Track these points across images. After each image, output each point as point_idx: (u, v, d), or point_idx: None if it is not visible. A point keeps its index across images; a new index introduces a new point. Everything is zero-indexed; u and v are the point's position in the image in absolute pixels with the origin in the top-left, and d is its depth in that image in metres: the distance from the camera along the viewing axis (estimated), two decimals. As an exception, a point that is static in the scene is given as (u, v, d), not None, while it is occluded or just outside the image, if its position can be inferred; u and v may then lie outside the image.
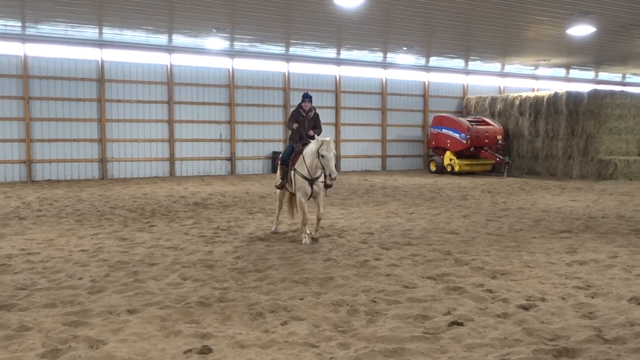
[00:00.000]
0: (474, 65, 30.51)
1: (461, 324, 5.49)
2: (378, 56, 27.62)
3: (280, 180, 10.68)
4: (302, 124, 10.61)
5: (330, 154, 9.51)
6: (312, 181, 9.95)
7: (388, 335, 5.19)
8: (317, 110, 11.09)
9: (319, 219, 10.24)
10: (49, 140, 22.36)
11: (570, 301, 6.34)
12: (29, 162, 21.95)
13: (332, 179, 9.65)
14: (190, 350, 4.87)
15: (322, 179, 10.05)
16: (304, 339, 5.14)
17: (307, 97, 10.65)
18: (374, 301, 6.30)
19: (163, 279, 7.35)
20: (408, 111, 30.69)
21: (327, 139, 9.65)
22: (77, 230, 11.15)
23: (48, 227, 11.57)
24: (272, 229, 11.03)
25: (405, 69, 30.00)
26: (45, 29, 20.70)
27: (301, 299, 6.39)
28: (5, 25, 20.17)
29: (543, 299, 6.39)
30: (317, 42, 23.81)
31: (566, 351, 4.85)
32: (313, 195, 10.10)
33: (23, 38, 21.58)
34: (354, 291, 6.73)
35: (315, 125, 10.69)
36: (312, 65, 27.75)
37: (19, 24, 20.11)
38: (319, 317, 5.75)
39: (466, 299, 6.36)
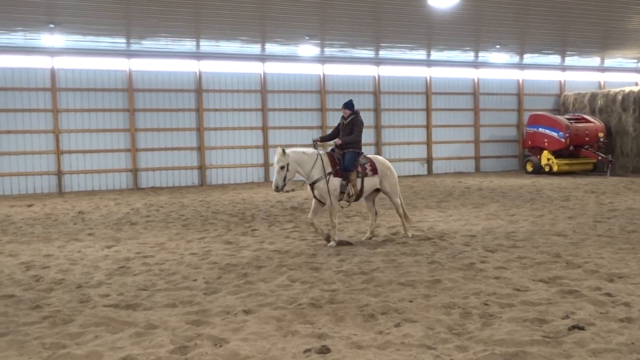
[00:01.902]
0: (571, 60, 29.25)
1: (582, 328, 5.31)
2: (469, 56, 27.10)
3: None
4: (341, 130, 10.58)
5: (277, 166, 9.73)
6: (310, 185, 10.16)
7: (506, 339, 5.10)
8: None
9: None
10: (152, 150, 23.51)
11: (700, 306, 5.98)
12: (134, 171, 23.18)
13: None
14: (309, 350, 5.00)
15: (323, 182, 10.01)
16: (419, 341, 5.15)
17: (344, 105, 10.71)
18: (486, 304, 6.21)
19: (272, 281, 7.57)
20: (502, 111, 29.87)
21: (278, 149, 9.80)
22: (185, 235, 11.67)
23: (158, 231, 12.19)
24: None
25: (498, 68, 29.21)
26: (148, 43, 21.83)
27: (411, 301, 6.39)
28: (113, 42, 21.45)
29: (669, 304, 6.06)
30: (407, 44, 23.69)
31: (702, 358, 4.59)
32: (318, 199, 10.19)
33: (128, 53, 22.84)
34: (463, 294, 6.66)
35: (351, 131, 10.44)
36: (402, 68, 27.60)
37: (125, 41, 21.32)
38: (432, 320, 5.74)
39: (584, 303, 6.14)
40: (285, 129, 25.61)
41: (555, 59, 28.60)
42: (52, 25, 18.20)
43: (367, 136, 26.85)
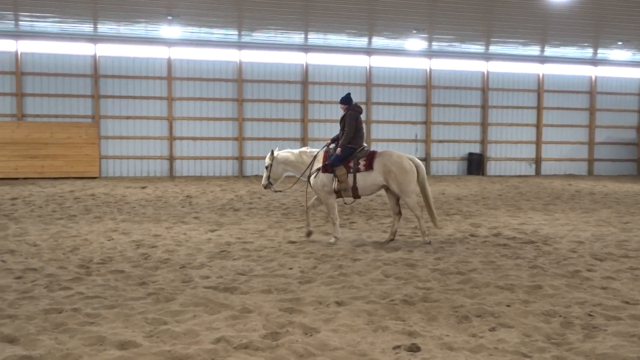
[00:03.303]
0: (703, 59, 27.00)
1: (698, 350, 4.90)
2: (587, 52, 25.67)
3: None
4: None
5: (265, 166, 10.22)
6: (308, 182, 10.19)
7: (610, 353, 4.80)
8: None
9: None
10: (258, 139, 24.21)
11: None
12: (240, 159, 23.99)
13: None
14: (399, 347, 4.96)
15: (312, 177, 10.01)
16: (514, 348, 4.96)
17: (340, 100, 10.28)
18: (591, 315, 5.88)
19: (366, 275, 7.56)
20: (621, 111, 28.10)
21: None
22: (284, 223, 11.92)
23: (259, 218, 12.53)
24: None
25: (618, 66, 27.49)
26: (258, 35, 22.45)
27: (508, 306, 6.17)
28: (225, 34, 22.26)
29: None
30: (519, 39, 22.81)
31: None
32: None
33: (239, 45, 23.62)
34: (566, 302, 6.33)
35: (344, 126, 9.92)
36: (513, 64, 26.62)
37: (236, 32, 22.06)
38: (530, 327, 5.51)
39: (702, 322, 5.66)
40: (388, 123, 25.53)
41: (685, 57, 26.50)
42: (171, 17, 19.16)
43: (473, 133, 26.30)
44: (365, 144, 10.16)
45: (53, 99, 22.40)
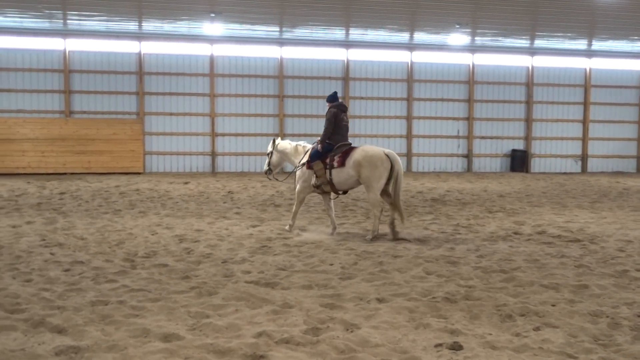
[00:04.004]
0: None
1: None
2: (637, 46, 24.86)
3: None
4: None
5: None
6: None
7: (660, 356, 4.66)
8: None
9: None
10: (299, 135, 24.18)
11: None
12: (281, 155, 24.08)
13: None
14: (440, 345, 4.91)
15: (298, 170, 10.51)
16: (560, 348, 4.86)
17: (326, 98, 10.51)
18: (639, 316, 5.71)
19: (407, 272, 7.52)
20: (673, 106, 27.17)
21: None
22: (325, 219, 11.91)
23: (299, 215, 12.55)
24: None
25: (671, 59, 26.59)
26: (299, 32, 22.50)
27: (553, 305, 6.05)
28: (267, 31, 22.39)
29: None
30: (567, 33, 22.26)
31: None
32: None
33: (280, 41, 23.71)
34: (613, 302, 6.17)
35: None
36: (558, 58, 25.97)
37: (277, 29, 22.15)
38: (575, 327, 5.39)
39: None
40: (429, 119, 25.27)
41: None
42: (213, 15, 19.36)
43: (517, 129, 25.84)
44: (349, 141, 10.37)
45: (99, 96, 22.90)
